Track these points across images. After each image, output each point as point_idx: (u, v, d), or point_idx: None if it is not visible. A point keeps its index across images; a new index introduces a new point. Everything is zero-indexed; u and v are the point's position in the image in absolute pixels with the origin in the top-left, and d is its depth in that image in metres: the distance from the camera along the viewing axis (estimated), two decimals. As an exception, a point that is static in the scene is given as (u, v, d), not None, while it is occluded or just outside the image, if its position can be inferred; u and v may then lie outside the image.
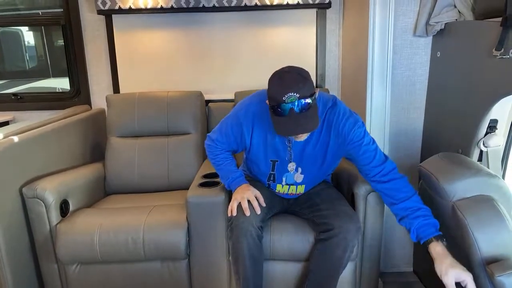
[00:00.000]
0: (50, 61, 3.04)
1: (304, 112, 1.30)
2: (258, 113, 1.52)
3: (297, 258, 1.63)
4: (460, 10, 1.65)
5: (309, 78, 1.34)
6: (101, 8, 2.24)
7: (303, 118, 1.30)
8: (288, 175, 1.60)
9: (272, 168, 1.59)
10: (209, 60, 2.39)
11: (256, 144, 1.55)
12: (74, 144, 2.12)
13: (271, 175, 1.62)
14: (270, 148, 1.55)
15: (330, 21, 2.31)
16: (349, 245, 1.48)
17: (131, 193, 2.13)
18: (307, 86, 1.31)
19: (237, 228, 1.48)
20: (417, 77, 1.85)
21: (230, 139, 1.59)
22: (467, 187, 1.23)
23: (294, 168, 1.57)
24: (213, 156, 1.66)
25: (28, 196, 1.67)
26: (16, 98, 2.54)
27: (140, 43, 2.37)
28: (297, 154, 1.54)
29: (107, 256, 1.67)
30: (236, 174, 1.60)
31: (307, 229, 1.61)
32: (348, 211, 1.54)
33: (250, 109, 1.53)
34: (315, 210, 1.60)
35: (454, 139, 1.63)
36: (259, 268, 1.56)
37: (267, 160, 1.58)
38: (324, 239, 1.50)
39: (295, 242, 1.61)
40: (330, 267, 1.51)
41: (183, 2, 2.22)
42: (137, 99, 2.21)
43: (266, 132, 1.53)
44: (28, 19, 2.73)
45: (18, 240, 1.70)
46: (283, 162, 1.57)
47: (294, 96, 1.28)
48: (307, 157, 1.54)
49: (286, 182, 1.62)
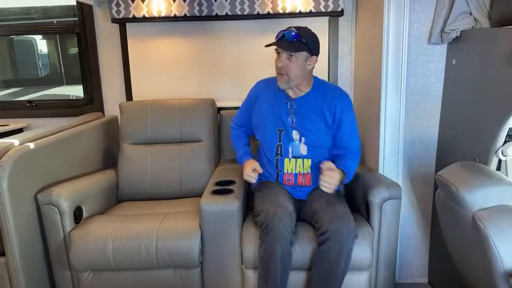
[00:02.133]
0: (63, 68, 3.09)
1: (290, 42, 1.60)
2: (265, 83, 1.87)
3: (306, 267, 1.62)
4: (476, 17, 1.64)
5: (315, 39, 1.70)
6: (115, 16, 2.27)
7: (286, 42, 1.61)
8: (293, 144, 1.76)
9: (279, 139, 1.77)
10: (221, 67, 2.40)
11: (264, 108, 1.81)
12: (87, 151, 2.13)
13: (278, 147, 1.77)
14: (276, 115, 1.77)
15: (342, 29, 2.31)
16: (344, 247, 1.48)
17: (143, 200, 2.14)
18: (306, 38, 1.63)
19: (273, 232, 1.49)
20: (432, 85, 1.83)
21: (243, 113, 1.93)
22: (488, 196, 1.20)
23: (298, 137, 1.75)
24: (232, 137, 1.99)
25: (43, 203, 1.68)
26: (30, 105, 2.57)
27: (153, 51, 2.39)
28: (299, 118, 1.74)
29: (120, 263, 1.67)
30: (240, 152, 1.88)
31: (315, 237, 1.60)
32: (340, 214, 1.55)
33: (257, 83, 1.91)
34: (315, 216, 1.62)
35: (470, 147, 1.61)
36: (287, 274, 1.56)
37: (274, 130, 1.77)
38: (320, 244, 1.52)
39: (306, 251, 1.59)
40: (328, 272, 1.50)
41: (196, 11, 2.24)
42: (150, 106, 2.22)
43: (271, 97, 1.80)
44: (44, 28, 2.77)
45: (33, 246, 1.71)
46: (288, 131, 1.75)
47: (293, 31, 1.61)
48: (307, 121, 1.74)
49: (293, 154, 1.76)
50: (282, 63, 1.64)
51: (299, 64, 1.65)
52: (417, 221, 1.99)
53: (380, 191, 1.64)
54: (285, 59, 1.64)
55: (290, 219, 1.55)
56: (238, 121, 1.97)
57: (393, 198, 1.64)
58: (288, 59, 1.64)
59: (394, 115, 1.81)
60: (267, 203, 1.61)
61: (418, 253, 2.02)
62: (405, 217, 1.97)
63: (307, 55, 1.67)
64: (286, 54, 1.63)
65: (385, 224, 1.66)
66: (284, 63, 1.64)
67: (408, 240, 2.01)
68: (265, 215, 1.55)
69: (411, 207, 1.98)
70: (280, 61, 1.65)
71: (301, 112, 1.75)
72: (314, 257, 1.55)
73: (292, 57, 1.63)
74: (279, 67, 1.65)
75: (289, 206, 1.61)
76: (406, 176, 1.94)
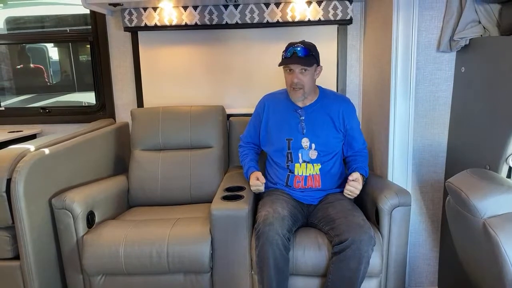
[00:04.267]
0: (75, 76, 3.15)
1: (303, 57, 1.69)
2: (270, 97, 1.94)
3: (319, 274, 1.62)
4: (485, 26, 1.65)
5: (317, 50, 1.78)
6: (127, 25, 2.32)
7: (300, 59, 1.70)
8: (303, 151, 1.80)
9: (288, 147, 1.82)
10: (231, 75, 2.43)
11: (272, 120, 1.87)
12: (99, 156, 2.17)
13: (288, 154, 1.82)
14: (284, 125, 1.83)
15: (351, 36, 2.34)
16: (364, 255, 1.48)
17: (154, 205, 2.16)
18: (313, 51, 1.74)
19: (263, 237, 1.51)
20: (441, 92, 1.85)
21: (251, 130, 1.98)
22: (498, 204, 1.21)
23: (308, 144, 1.80)
24: (240, 156, 2.01)
25: (57, 207, 1.72)
26: (44, 111, 2.62)
27: (164, 59, 2.43)
28: (308, 125, 1.80)
29: (132, 268, 1.69)
30: (246, 167, 1.90)
31: (327, 243, 1.61)
32: (359, 221, 1.55)
33: (263, 98, 1.96)
34: (330, 223, 1.63)
35: (480, 155, 1.61)
36: (284, 280, 1.56)
37: (283, 139, 1.82)
38: (338, 252, 1.51)
39: (318, 257, 1.60)
40: (346, 280, 1.50)
41: (207, 19, 2.28)
42: (161, 113, 2.25)
43: (280, 108, 1.86)
44: (58, 36, 2.84)
45: (46, 250, 1.74)
46: (298, 139, 1.81)
47: (299, 45, 1.71)
48: (317, 128, 1.80)
49: (303, 158, 1.80)
50: (297, 79, 1.73)
51: (311, 76, 1.77)
52: (426, 228, 1.99)
53: (390, 197, 1.64)
54: (299, 74, 1.73)
55: (282, 223, 1.55)
56: (246, 138, 2.02)
57: (403, 205, 1.64)
58: (301, 73, 1.73)
59: (403, 122, 1.82)
60: (264, 209, 1.64)
61: (427, 260, 2.02)
62: (414, 224, 1.97)
63: (315, 66, 1.78)
64: (299, 69, 1.72)
65: (395, 231, 1.66)
66: (299, 77, 1.73)
67: (418, 247, 2.00)
68: (257, 221, 1.59)
69: (420, 214, 1.98)
70: (295, 77, 1.73)
71: (311, 119, 1.82)
72: (332, 265, 1.54)
73: (305, 71, 1.73)
74: (295, 83, 1.74)
75: (283, 210, 1.60)
76: (415, 183, 1.94)
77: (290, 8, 2.24)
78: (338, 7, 2.21)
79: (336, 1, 2.20)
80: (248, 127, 2.01)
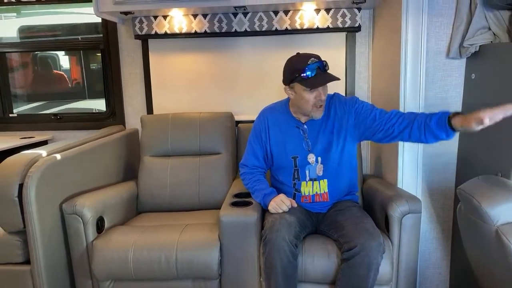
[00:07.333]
0: (86, 83, 3.20)
1: (326, 70, 1.56)
2: (270, 112, 1.79)
3: (328, 281, 1.61)
4: (495, 32, 1.65)
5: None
6: (138, 33, 2.36)
7: (327, 74, 1.56)
8: (310, 167, 1.72)
9: (295, 164, 1.73)
10: (239, 82, 2.45)
11: (275, 139, 1.75)
12: (109, 162, 2.19)
13: (295, 171, 1.73)
14: (288, 142, 1.72)
15: (359, 43, 2.34)
16: (373, 262, 1.46)
17: (162, 211, 2.17)
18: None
19: (270, 243, 1.50)
20: (451, 99, 1.84)
21: (256, 151, 1.80)
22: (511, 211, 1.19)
23: (314, 159, 1.71)
24: (246, 182, 1.82)
25: (67, 212, 1.73)
26: (56, 118, 2.66)
27: (173, 66, 2.46)
28: (313, 141, 1.70)
29: (141, 273, 1.69)
30: (267, 191, 1.73)
31: (337, 251, 1.60)
32: (368, 228, 1.53)
33: (262, 113, 1.81)
34: (339, 229, 1.61)
35: (491, 162, 1.60)
36: (292, 287, 1.54)
37: (289, 157, 1.72)
38: (347, 259, 1.50)
39: (327, 264, 1.59)
40: (356, 287, 1.48)
41: (216, 27, 2.31)
42: (170, 119, 2.27)
43: (280, 125, 1.74)
44: (69, 44, 2.89)
45: (56, 255, 1.76)
46: (303, 155, 1.71)
47: (315, 60, 1.54)
48: (323, 143, 1.69)
49: (310, 176, 1.72)
50: (324, 95, 1.61)
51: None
52: (437, 236, 1.97)
53: (400, 205, 1.63)
54: (323, 89, 1.60)
55: (289, 229, 1.53)
56: (250, 163, 1.82)
57: (413, 212, 1.63)
58: (323, 88, 1.60)
59: (412, 129, 1.81)
60: (271, 215, 1.63)
61: (438, 269, 1.99)
62: (424, 232, 1.95)
63: None
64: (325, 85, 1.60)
65: (405, 238, 1.64)
66: (325, 93, 1.62)
67: (428, 255, 1.98)
68: (265, 227, 1.58)
69: (430, 222, 1.96)
70: (322, 94, 1.59)
71: (315, 134, 1.71)
72: (341, 272, 1.52)
73: (326, 86, 1.61)
74: (323, 100, 1.61)
75: (290, 217, 1.59)
76: (426, 190, 1.92)
77: (298, 16, 2.26)
78: (347, 15, 2.22)
79: (345, 8, 2.21)
80: (249, 150, 1.81)
